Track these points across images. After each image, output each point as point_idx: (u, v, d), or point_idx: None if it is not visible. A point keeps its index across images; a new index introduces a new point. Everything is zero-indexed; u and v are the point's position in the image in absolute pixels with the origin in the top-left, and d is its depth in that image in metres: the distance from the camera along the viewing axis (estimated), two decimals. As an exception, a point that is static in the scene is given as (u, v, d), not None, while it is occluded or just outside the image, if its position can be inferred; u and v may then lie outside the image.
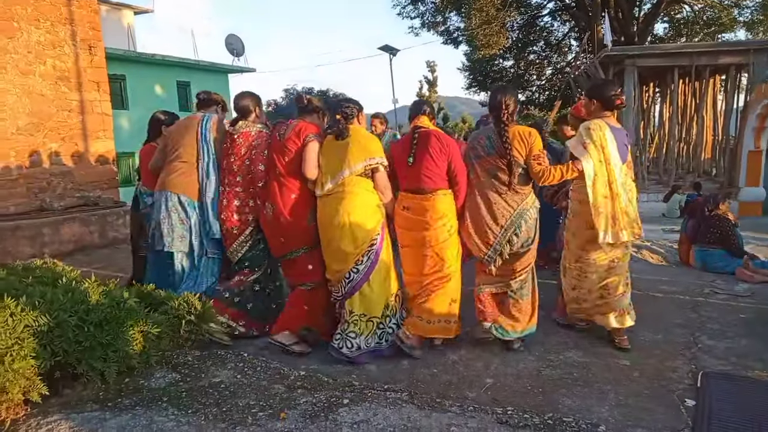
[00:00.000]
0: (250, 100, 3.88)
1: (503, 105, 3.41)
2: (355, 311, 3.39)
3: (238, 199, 3.75)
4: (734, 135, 14.49)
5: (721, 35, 23.17)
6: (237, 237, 3.76)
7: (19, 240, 6.38)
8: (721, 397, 2.80)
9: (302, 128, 3.56)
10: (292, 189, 3.55)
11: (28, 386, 2.39)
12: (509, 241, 3.42)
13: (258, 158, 3.72)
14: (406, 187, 3.54)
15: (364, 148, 3.43)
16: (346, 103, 3.61)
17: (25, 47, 7.25)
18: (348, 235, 3.34)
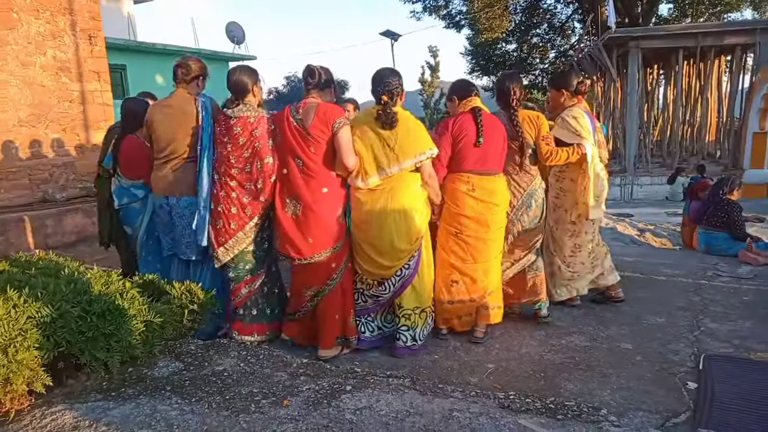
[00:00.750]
0: (248, 77, 3.32)
1: (511, 91, 3.55)
2: (405, 305, 3.25)
3: (236, 193, 3.29)
4: (739, 117, 14.38)
5: (727, 15, 22.89)
6: (234, 233, 3.31)
7: (22, 231, 6.40)
8: (723, 380, 2.80)
9: (327, 111, 3.12)
10: (323, 182, 3.16)
11: (31, 377, 2.40)
12: (519, 220, 3.60)
13: (264, 149, 3.23)
14: (471, 168, 3.35)
15: (415, 140, 3.13)
16: (389, 78, 3.17)
17: (25, 38, 7.22)
18: (404, 233, 3.13)
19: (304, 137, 3.13)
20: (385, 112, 3.08)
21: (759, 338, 3.37)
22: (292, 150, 3.16)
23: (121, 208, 3.91)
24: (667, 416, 2.49)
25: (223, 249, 3.33)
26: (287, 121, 3.17)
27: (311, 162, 3.14)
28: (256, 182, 3.26)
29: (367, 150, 3.14)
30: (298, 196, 3.16)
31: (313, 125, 3.11)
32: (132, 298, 2.84)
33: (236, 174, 3.29)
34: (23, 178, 7.31)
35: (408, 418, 2.41)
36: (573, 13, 25.80)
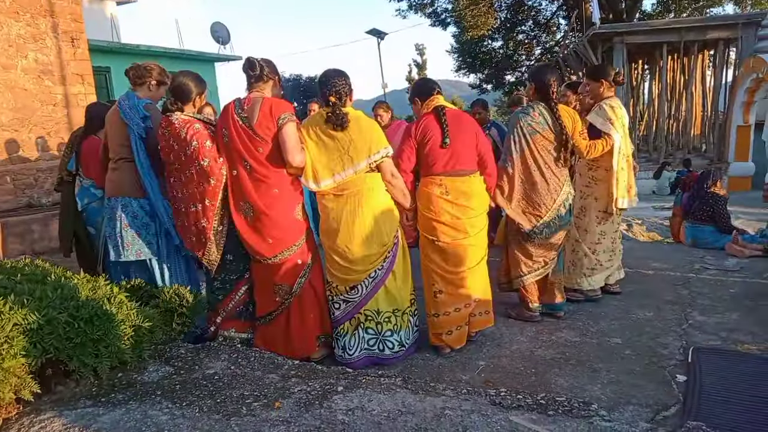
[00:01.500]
0: (193, 83, 3.24)
1: (550, 83, 3.53)
2: (383, 309, 3.14)
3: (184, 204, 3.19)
4: (723, 110, 14.53)
5: (709, 10, 23.13)
6: (205, 244, 3.19)
7: (8, 237, 6.32)
8: (711, 372, 2.83)
9: (273, 106, 2.98)
10: (273, 183, 3.03)
11: (19, 385, 2.37)
12: (558, 215, 3.61)
13: (201, 150, 3.07)
14: (442, 170, 3.25)
15: (369, 140, 3.03)
16: (335, 79, 3.06)
17: (5, 41, 7.13)
18: (374, 238, 3.04)
19: (251, 137, 2.99)
20: (334, 113, 2.99)
21: (745, 330, 3.41)
22: (239, 152, 3.02)
23: (84, 209, 4.01)
24: (657, 409, 2.52)
25: (206, 260, 3.23)
26: (233, 121, 3.02)
27: (259, 164, 3.00)
28: (200, 186, 3.11)
29: (320, 152, 3.04)
30: (250, 200, 3.04)
31: (258, 123, 2.97)
32: (120, 303, 2.82)
33: (181, 182, 3.17)
34: (7, 183, 7.23)
35: (400, 417, 2.41)
36: (558, 10, 25.94)
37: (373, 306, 3.14)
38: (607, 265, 4.13)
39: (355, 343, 3.19)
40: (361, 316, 3.17)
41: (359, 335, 3.18)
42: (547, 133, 3.52)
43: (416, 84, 3.60)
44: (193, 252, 3.28)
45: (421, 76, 28.22)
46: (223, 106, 3.14)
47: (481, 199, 3.34)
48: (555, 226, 3.59)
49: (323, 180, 3.03)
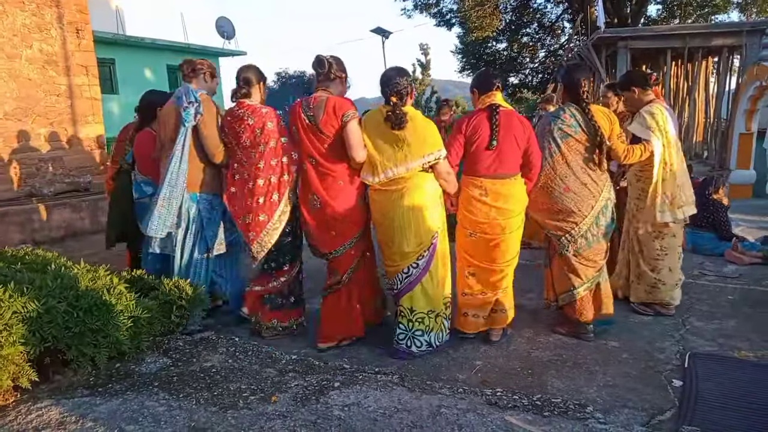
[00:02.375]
0: (254, 75, 3.47)
1: (581, 83, 3.39)
2: (417, 309, 3.17)
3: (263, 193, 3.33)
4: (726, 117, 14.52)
5: (714, 17, 23.10)
6: (263, 225, 3.33)
7: (9, 226, 6.34)
8: (707, 378, 2.83)
9: (336, 105, 3.13)
10: (337, 176, 3.19)
11: (17, 372, 2.39)
12: (596, 223, 3.38)
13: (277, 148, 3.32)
14: (484, 172, 3.24)
15: (423, 141, 3.08)
16: (397, 78, 3.13)
17: (10, 30, 7.14)
18: (412, 235, 3.10)
19: (317, 134, 3.17)
20: (394, 113, 3.05)
21: (743, 337, 3.41)
22: (306, 148, 3.23)
23: (136, 203, 3.98)
24: (652, 413, 2.52)
25: (257, 244, 3.35)
26: (300, 119, 3.22)
27: (324, 159, 3.18)
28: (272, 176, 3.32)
29: (377, 149, 3.13)
30: (317, 193, 3.22)
31: (323, 121, 3.14)
32: (119, 294, 2.83)
33: (255, 170, 3.33)
34: (10, 172, 7.24)
35: (396, 414, 2.42)
36: (563, 13, 25.91)
37: (407, 303, 3.20)
38: (675, 280, 3.86)
39: None
40: (398, 309, 3.25)
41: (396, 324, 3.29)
42: (580, 135, 3.36)
43: (477, 75, 3.51)
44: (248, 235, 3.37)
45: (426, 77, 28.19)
46: (291, 105, 3.40)
47: (520, 201, 3.31)
48: (594, 236, 3.38)
49: (379, 175, 3.13)
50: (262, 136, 3.31)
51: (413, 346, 3.19)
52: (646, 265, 3.87)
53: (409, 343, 3.19)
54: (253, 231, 3.33)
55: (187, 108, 3.39)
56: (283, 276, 3.46)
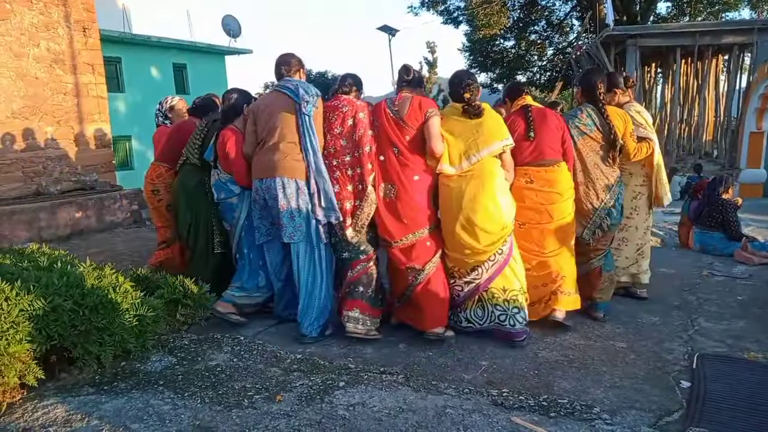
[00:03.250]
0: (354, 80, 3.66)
1: (597, 86, 3.72)
2: (510, 288, 3.33)
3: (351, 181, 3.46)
4: (736, 116, 14.41)
5: (725, 14, 22.91)
6: (354, 210, 3.44)
7: (15, 224, 6.36)
8: (716, 379, 2.81)
9: (421, 102, 3.40)
10: (415, 169, 3.38)
11: (23, 370, 2.39)
12: (609, 214, 3.68)
13: (365, 137, 3.43)
14: (528, 161, 3.53)
15: (499, 128, 3.38)
16: (468, 79, 3.46)
17: (18, 29, 7.17)
18: (496, 215, 3.25)
19: (400, 126, 3.37)
20: (471, 106, 3.36)
21: (753, 338, 3.38)
22: (389, 139, 3.39)
23: (220, 202, 3.83)
24: (659, 415, 2.50)
25: (351, 230, 3.44)
26: (384, 113, 3.43)
27: (406, 149, 3.37)
28: (359, 167, 3.43)
29: (456, 139, 3.35)
30: (393, 181, 3.38)
31: (408, 115, 3.36)
32: (125, 292, 2.83)
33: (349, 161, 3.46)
34: (17, 170, 7.27)
35: (401, 414, 2.41)
36: (571, 11, 25.79)
37: (499, 284, 3.33)
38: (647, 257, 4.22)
39: (484, 315, 3.39)
40: (487, 294, 3.35)
41: (488, 309, 3.37)
42: (595, 134, 3.68)
43: (507, 88, 4.00)
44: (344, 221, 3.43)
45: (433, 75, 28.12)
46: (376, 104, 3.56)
47: (565, 187, 3.55)
48: (605, 227, 3.69)
49: (461, 163, 3.32)
50: (354, 126, 3.45)
51: (516, 324, 3.30)
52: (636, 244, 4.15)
53: (512, 322, 3.30)
54: (348, 216, 3.44)
55: (308, 101, 3.43)
56: (359, 265, 3.49)
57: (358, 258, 3.49)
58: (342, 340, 3.45)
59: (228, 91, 3.96)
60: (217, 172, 3.77)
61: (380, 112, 3.46)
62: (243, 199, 3.71)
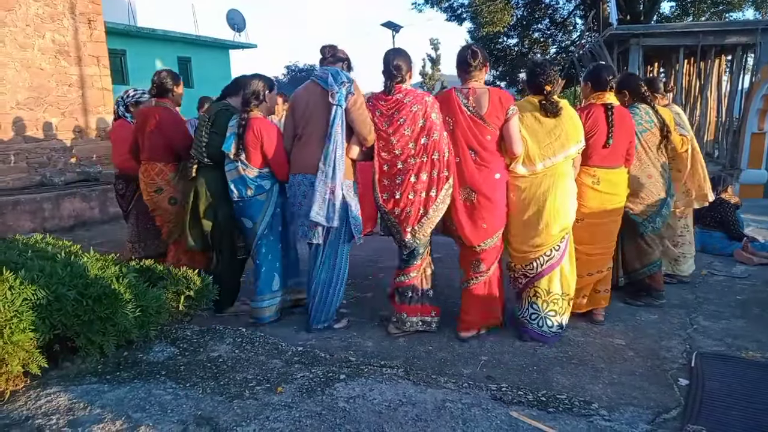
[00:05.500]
0: (404, 62, 3.22)
1: (640, 86, 3.93)
2: (554, 290, 3.31)
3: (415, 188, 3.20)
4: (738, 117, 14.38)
5: (729, 14, 22.84)
6: (421, 217, 3.22)
7: (20, 215, 6.39)
8: (714, 377, 2.82)
9: (501, 98, 3.15)
10: (494, 168, 3.20)
11: (27, 358, 2.42)
12: (666, 203, 3.95)
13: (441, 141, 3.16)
14: (599, 163, 3.49)
15: (575, 131, 3.26)
16: (549, 68, 3.25)
17: (23, 20, 7.18)
18: (559, 217, 3.22)
19: (480, 125, 3.16)
20: (549, 101, 3.19)
21: (751, 337, 3.39)
22: (466, 139, 3.18)
23: (243, 200, 3.52)
24: (657, 412, 2.52)
25: (410, 237, 3.25)
26: (460, 110, 3.17)
27: (485, 150, 3.18)
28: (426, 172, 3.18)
29: (532, 140, 3.22)
30: (472, 185, 3.20)
31: (488, 113, 3.14)
32: (128, 283, 2.85)
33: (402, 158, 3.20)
34: (21, 161, 7.30)
35: (401, 407, 2.43)
36: (575, 9, 25.71)
37: (545, 285, 3.32)
38: (691, 254, 4.56)
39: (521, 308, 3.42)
40: (531, 290, 3.35)
41: (525, 305, 3.39)
42: (655, 130, 3.87)
43: (593, 71, 3.69)
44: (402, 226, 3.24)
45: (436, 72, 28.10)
46: (442, 94, 3.28)
47: (625, 188, 3.67)
48: (664, 217, 3.93)
49: (537, 164, 3.22)
50: (424, 126, 3.15)
51: (545, 326, 3.31)
52: (670, 242, 4.42)
53: (540, 323, 3.31)
54: (409, 223, 3.23)
55: (339, 89, 3.19)
56: (414, 271, 3.36)
57: (413, 264, 3.34)
58: (342, 333, 3.47)
59: (249, 77, 3.58)
60: (242, 167, 3.43)
61: (454, 108, 3.18)
62: (271, 196, 3.53)
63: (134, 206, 4.39)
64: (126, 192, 4.42)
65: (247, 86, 3.49)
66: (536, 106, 3.24)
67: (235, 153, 3.43)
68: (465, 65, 3.23)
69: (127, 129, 4.35)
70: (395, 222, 3.27)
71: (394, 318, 3.43)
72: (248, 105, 3.47)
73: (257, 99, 3.48)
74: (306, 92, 3.39)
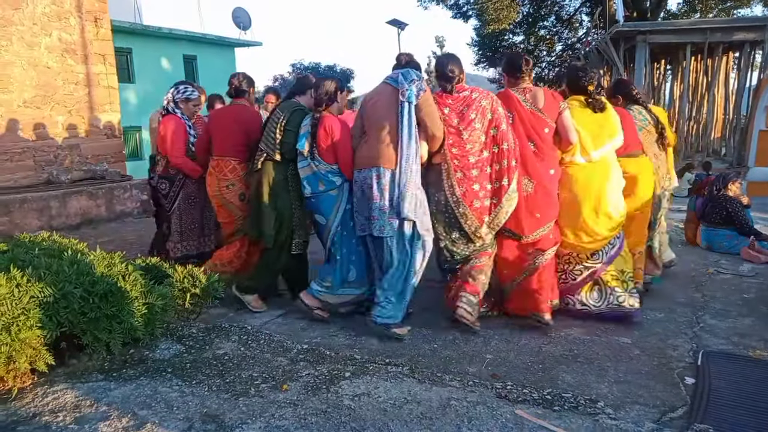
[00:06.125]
0: (457, 66, 3.42)
1: (633, 89, 4.28)
2: (627, 269, 3.57)
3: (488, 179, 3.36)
4: (745, 114, 14.29)
5: (736, 11, 22.68)
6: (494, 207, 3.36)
7: (27, 213, 6.42)
8: (720, 376, 2.81)
9: (554, 94, 3.51)
10: (550, 162, 3.46)
11: (34, 356, 2.43)
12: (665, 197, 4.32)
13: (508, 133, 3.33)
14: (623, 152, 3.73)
15: (617, 124, 3.60)
16: (592, 71, 3.61)
17: (30, 19, 7.21)
18: (620, 205, 3.51)
19: (539, 119, 3.42)
20: (594, 98, 3.56)
21: (758, 336, 3.37)
22: (527, 132, 3.43)
23: (316, 196, 3.60)
24: (663, 410, 2.51)
25: (485, 228, 3.38)
26: (520, 105, 3.45)
27: (543, 142, 3.43)
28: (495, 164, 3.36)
29: (585, 131, 3.49)
30: (532, 175, 3.41)
31: (545, 107, 3.43)
32: (134, 281, 2.86)
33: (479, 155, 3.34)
34: (28, 159, 7.33)
35: (406, 405, 2.43)
36: (581, 6, 25.59)
37: (618, 266, 3.56)
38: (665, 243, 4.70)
39: (601, 298, 3.57)
40: (605, 277, 3.54)
41: (606, 292, 3.56)
42: (650, 127, 4.13)
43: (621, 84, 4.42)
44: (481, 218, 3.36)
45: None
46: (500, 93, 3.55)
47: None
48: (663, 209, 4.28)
49: (591, 153, 3.49)
50: (493, 119, 3.35)
51: (635, 303, 3.51)
52: None
53: (632, 302, 3.50)
54: (485, 213, 3.37)
55: (409, 87, 3.26)
56: (484, 256, 3.46)
57: (485, 250, 3.46)
58: (348, 331, 3.48)
59: (321, 78, 3.73)
60: (314, 164, 3.55)
61: (514, 104, 3.45)
62: (343, 191, 3.58)
63: (178, 205, 4.33)
64: (170, 191, 4.32)
65: (320, 87, 3.63)
66: (583, 104, 3.59)
67: (308, 150, 3.56)
68: (517, 70, 3.56)
69: (181, 125, 4.30)
70: (466, 214, 3.33)
71: (464, 299, 3.36)
72: (321, 105, 3.60)
73: (330, 99, 3.63)
74: (376, 93, 3.50)
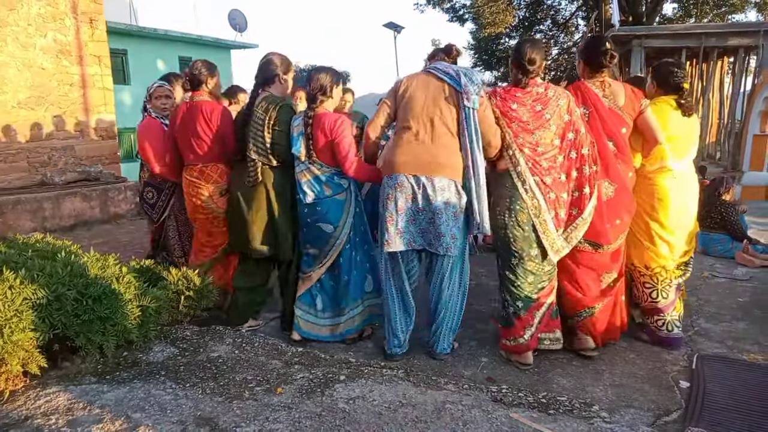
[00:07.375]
0: (539, 56, 2.96)
1: None
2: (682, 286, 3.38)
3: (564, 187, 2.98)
4: (740, 119, 14.37)
5: (731, 16, 22.83)
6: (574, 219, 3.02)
7: (20, 214, 6.39)
8: (715, 380, 2.81)
9: (635, 92, 3.16)
10: (629, 165, 3.16)
11: (26, 358, 2.41)
12: None
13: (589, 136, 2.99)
14: None
15: (698, 128, 3.37)
16: (680, 67, 3.31)
17: (25, 19, 7.19)
18: (696, 215, 3.33)
19: (620, 118, 3.12)
20: (686, 100, 3.26)
21: (752, 340, 3.38)
22: (607, 131, 3.09)
23: (320, 201, 3.21)
24: (658, 414, 2.51)
25: (563, 241, 3.01)
26: (599, 101, 3.11)
27: (623, 143, 3.13)
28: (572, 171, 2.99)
29: (675, 135, 3.22)
30: (613, 177, 3.07)
31: (626, 105, 3.13)
32: (128, 283, 2.85)
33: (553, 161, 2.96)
34: (22, 160, 7.31)
35: (401, 408, 2.42)
36: (577, 10, 25.72)
37: None
38: None
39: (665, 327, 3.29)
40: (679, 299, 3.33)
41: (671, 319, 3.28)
42: None
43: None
44: None
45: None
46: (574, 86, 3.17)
47: None
48: None
49: (684, 158, 3.25)
50: (570, 121, 2.97)
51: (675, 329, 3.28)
52: None
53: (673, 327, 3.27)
54: (562, 227, 3.00)
55: (472, 93, 2.89)
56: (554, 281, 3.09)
57: (551, 279, 3.05)
58: (343, 334, 3.46)
59: (315, 70, 3.26)
60: (315, 167, 3.18)
61: (592, 100, 3.10)
62: (351, 193, 3.25)
63: (168, 215, 3.91)
64: (157, 201, 3.90)
65: (313, 80, 3.18)
66: (673, 105, 3.24)
67: (306, 154, 3.18)
68: (601, 59, 3.11)
69: (155, 127, 3.85)
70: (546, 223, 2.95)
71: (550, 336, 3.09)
72: (314, 101, 3.18)
73: (324, 94, 3.19)
74: (425, 85, 2.99)
